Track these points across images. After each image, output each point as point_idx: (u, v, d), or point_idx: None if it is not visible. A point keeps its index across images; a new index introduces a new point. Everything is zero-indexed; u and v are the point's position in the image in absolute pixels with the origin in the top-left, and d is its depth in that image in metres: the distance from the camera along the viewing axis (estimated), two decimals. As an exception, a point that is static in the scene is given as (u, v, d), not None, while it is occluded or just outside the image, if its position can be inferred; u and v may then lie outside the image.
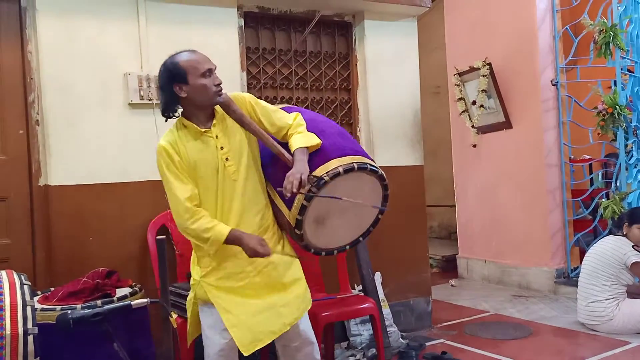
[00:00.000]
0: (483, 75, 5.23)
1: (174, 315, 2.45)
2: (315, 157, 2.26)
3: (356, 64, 4.02)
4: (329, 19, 3.92)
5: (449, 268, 6.33)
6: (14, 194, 3.04)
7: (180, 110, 2.28)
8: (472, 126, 5.50)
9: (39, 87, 3.05)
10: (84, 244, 3.06)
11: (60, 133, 3.05)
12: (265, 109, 2.32)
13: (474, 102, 5.38)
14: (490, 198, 5.66)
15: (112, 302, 2.39)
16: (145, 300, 2.06)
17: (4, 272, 2.03)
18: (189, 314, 2.39)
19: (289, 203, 2.26)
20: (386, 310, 3.68)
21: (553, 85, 5.10)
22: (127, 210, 3.18)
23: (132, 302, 2.00)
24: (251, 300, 2.23)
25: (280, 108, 2.47)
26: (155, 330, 2.72)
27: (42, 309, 2.36)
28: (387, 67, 4.02)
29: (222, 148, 2.22)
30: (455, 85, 5.57)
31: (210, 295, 2.24)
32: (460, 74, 5.50)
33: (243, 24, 3.60)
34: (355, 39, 4.02)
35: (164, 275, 2.37)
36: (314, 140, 2.27)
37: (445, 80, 6.19)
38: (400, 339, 3.70)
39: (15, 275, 2.02)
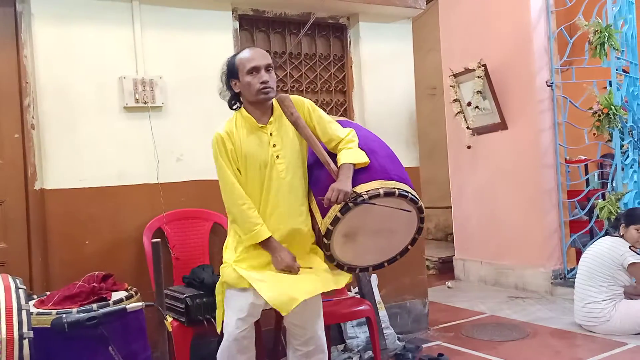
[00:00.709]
0: (478, 77, 5.25)
1: (169, 319, 2.45)
2: (360, 174, 2.32)
3: (351, 66, 4.03)
4: (324, 21, 3.93)
5: (445, 270, 6.33)
6: (10, 198, 3.04)
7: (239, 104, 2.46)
8: (468, 127, 5.52)
9: (35, 91, 3.05)
10: (80, 247, 3.06)
11: (56, 137, 3.05)
12: (321, 118, 2.41)
13: (469, 104, 5.40)
14: (487, 199, 5.67)
15: (107, 305, 2.39)
16: (140, 303, 2.06)
17: (-2, 277, 2.03)
18: (218, 299, 2.47)
19: (323, 211, 2.32)
20: (382, 313, 3.69)
21: (548, 86, 5.11)
22: (123, 214, 3.18)
23: (127, 306, 2.01)
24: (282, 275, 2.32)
25: (338, 120, 2.55)
26: (151, 334, 2.72)
27: (38, 313, 2.35)
28: (383, 68, 4.03)
29: (274, 145, 2.33)
30: (451, 86, 5.58)
31: (243, 273, 2.30)
32: (455, 75, 5.51)
33: (238, 27, 3.61)
34: (350, 41, 4.03)
35: (159, 278, 2.37)
36: (362, 158, 2.33)
37: (440, 81, 6.21)
38: (397, 341, 3.70)
39: (10, 279, 2.02)
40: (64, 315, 1.93)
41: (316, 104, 3.87)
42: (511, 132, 5.36)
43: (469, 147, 5.52)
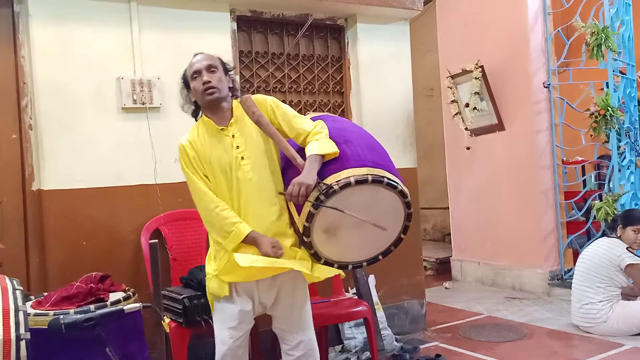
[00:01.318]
0: (476, 78, 5.26)
1: (167, 320, 2.45)
2: (331, 165, 2.22)
3: (349, 67, 4.03)
4: (322, 22, 3.93)
5: (442, 270, 6.34)
6: (7, 198, 3.03)
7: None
8: (466, 128, 5.52)
9: (32, 92, 3.04)
10: (78, 248, 3.06)
11: (54, 137, 3.05)
12: (286, 113, 2.35)
13: (466, 105, 5.40)
14: (484, 200, 5.67)
15: (105, 306, 2.39)
16: (137, 304, 2.06)
17: (-5, 277, 2.02)
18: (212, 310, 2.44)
19: (299, 208, 2.25)
20: (380, 313, 3.69)
21: (545, 87, 5.13)
22: (120, 215, 3.18)
23: (125, 307, 2.00)
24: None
25: (316, 117, 2.47)
26: (148, 335, 2.72)
27: (35, 314, 2.35)
28: (380, 69, 4.03)
29: (237, 147, 2.29)
30: (448, 87, 5.59)
31: (225, 278, 2.28)
32: (452, 77, 5.52)
33: (236, 28, 3.61)
34: (347, 42, 4.04)
35: (156, 279, 2.37)
36: (330, 148, 2.23)
37: (438, 82, 6.22)
38: (394, 341, 3.71)
39: (7, 280, 2.01)
40: (61, 316, 1.93)
41: (314, 105, 3.95)
42: (508, 133, 5.37)
43: (468, 148, 5.53)
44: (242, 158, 2.27)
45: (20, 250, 3.05)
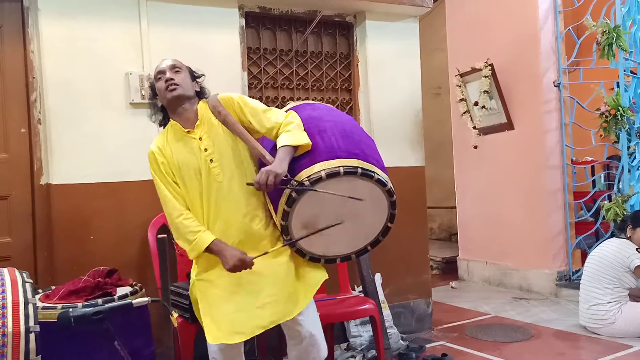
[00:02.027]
0: (485, 76, 5.23)
1: (175, 315, 2.45)
2: (303, 159, 2.17)
3: (357, 65, 4.02)
4: (330, 19, 3.92)
5: (449, 270, 6.32)
6: (16, 192, 3.05)
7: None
8: (474, 127, 5.50)
9: (41, 86, 3.05)
10: (85, 242, 3.07)
11: (62, 132, 3.06)
12: (255, 109, 2.29)
13: (475, 103, 5.38)
14: (491, 200, 5.65)
15: (112, 300, 2.39)
16: (146, 299, 2.06)
17: (5, 270, 2.03)
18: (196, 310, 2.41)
19: (275, 207, 2.20)
20: (386, 312, 3.68)
21: (555, 86, 5.09)
22: (127, 210, 3.18)
23: (133, 301, 2.00)
24: (230, 296, 2.20)
25: (294, 106, 2.43)
26: (155, 330, 2.72)
27: (44, 307, 2.36)
28: (389, 67, 4.02)
29: (205, 149, 2.24)
30: (457, 86, 5.56)
31: (198, 293, 2.27)
32: (461, 75, 5.49)
33: (244, 24, 3.61)
34: (356, 40, 4.02)
35: (164, 274, 2.37)
36: (300, 139, 2.17)
37: (446, 81, 6.19)
38: (400, 340, 3.70)
39: (17, 273, 2.02)
40: (70, 310, 1.93)
41: (322, 102, 3.93)
42: (517, 133, 5.34)
43: (475, 147, 5.50)
44: (211, 160, 2.23)
45: (29, 243, 3.06)
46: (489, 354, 3.61)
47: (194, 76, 2.36)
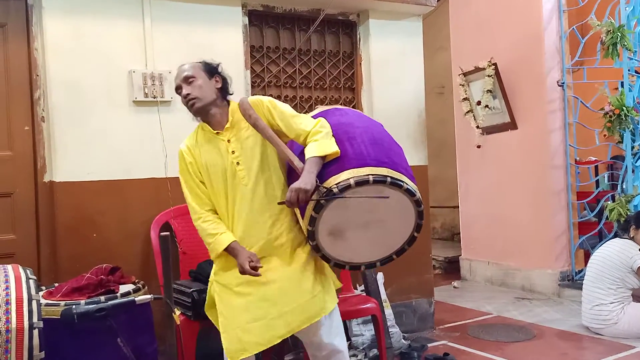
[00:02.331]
0: (488, 76, 5.22)
1: (177, 312, 2.45)
2: (332, 166, 2.16)
3: (360, 63, 4.01)
4: (334, 17, 3.92)
5: (451, 269, 6.32)
6: (20, 189, 3.06)
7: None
8: (477, 127, 5.49)
9: (45, 84, 3.06)
10: (88, 240, 3.08)
11: (65, 130, 3.06)
12: (283, 114, 2.28)
13: (479, 103, 5.37)
14: (494, 199, 5.64)
15: (115, 298, 2.40)
16: (148, 296, 2.06)
17: (10, 267, 2.04)
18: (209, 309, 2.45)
19: (302, 212, 2.20)
20: (388, 311, 3.68)
21: (559, 86, 5.08)
22: (130, 207, 3.19)
23: (136, 298, 2.01)
24: (247, 304, 2.20)
25: (322, 111, 2.42)
26: (158, 327, 2.73)
27: (47, 304, 2.36)
28: (392, 66, 4.01)
29: (233, 152, 2.25)
30: (460, 85, 5.56)
31: (215, 294, 2.29)
32: (465, 74, 5.49)
33: (247, 23, 3.61)
34: (359, 38, 4.02)
35: (167, 272, 2.38)
36: (329, 148, 2.15)
37: (450, 80, 6.18)
38: (402, 339, 3.69)
39: (21, 270, 2.03)
40: (74, 307, 1.94)
41: (325, 101, 3.93)
42: (521, 132, 5.33)
43: (478, 147, 5.50)
44: (238, 163, 2.24)
45: (32, 241, 3.07)
46: (491, 354, 3.61)
47: (211, 72, 2.34)
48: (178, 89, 2.32)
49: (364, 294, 3.47)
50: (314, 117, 2.33)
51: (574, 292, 4.78)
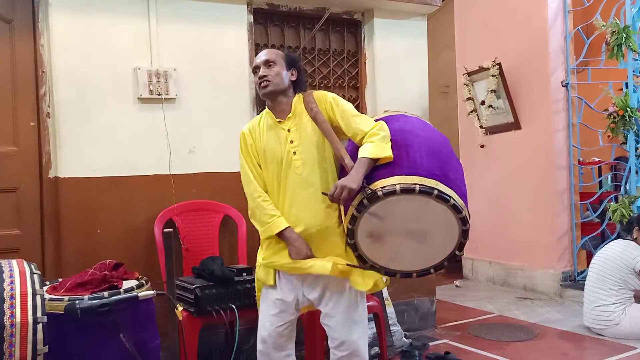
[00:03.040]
0: (492, 75, 5.22)
1: (180, 308, 2.46)
2: (382, 169, 2.17)
3: (365, 62, 4.02)
4: (339, 16, 3.92)
5: (454, 268, 6.29)
6: (25, 185, 3.08)
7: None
8: (481, 126, 5.49)
9: (51, 80, 3.08)
10: (92, 235, 3.10)
11: (71, 126, 3.08)
12: (344, 111, 2.33)
13: (482, 102, 5.37)
14: (497, 199, 5.64)
15: (118, 293, 2.41)
16: (151, 292, 2.08)
17: (14, 261, 2.05)
18: (257, 296, 2.54)
19: (346, 209, 2.22)
20: (390, 309, 3.69)
21: (563, 86, 5.07)
22: (134, 204, 3.21)
23: (139, 294, 2.02)
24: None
25: (389, 115, 2.43)
26: (160, 323, 2.74)
27: (50, 299, 2.38)
28: (396, 65, 4.02)
29: (291, 141, 2.33)
30: (464, 85, 5.55)
31: (270, 266, 2.39)
32: (469, 74, 5.48)
33: (252, 21, 3.62)
34: (364, 37, 4.02)
35: (170, 268, 2.38)
36: (382, 152, 2.17)
37: (454, 79, 6.17)
38: (404, 338, 3.70)
39: (25, 264, 2.05)
40: (77, 302, 1.96)
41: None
42: (524, 132, 5.32)
43: (482, 147, 5.49)
44: (295, 153, 2.31)
45: (36, 236, 3.09)
46: (492, 353, 3.62)
47: (290, 64, 2.41)
48: (256, 69, 2.39)
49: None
50: (378, 119, 2.35)
51: (576, 292, 4.78)
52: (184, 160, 3.31)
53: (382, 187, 2.10)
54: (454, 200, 2.13)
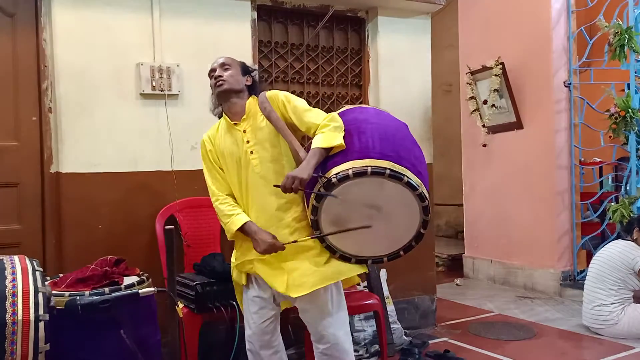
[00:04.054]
0: (495, 75, 5.21)
1: (180, 305, 2.47)
2: (336, 157, 2.21)
3: (368, 60, 4.01)
4: (343, 14, 3.91)
5: (454, 267, 6.32)
6: (26, 180, 3.08)
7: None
8: (483, 125, 5.48)
9: (53, 75, 3.08)
10: (93, 231, 3.10)
11: (72, 121, 3.08)
12: (297, 108, 2.38)
13: (485, 102, 5.36)
14: (499, 198, 5.64)
15: (119, 290, 2.41)
16: (152, 289, 2.08)
17: (16, 258, 2.05)
18: (238, 299, 2.61)
19: (307, 202, 2.26)
20: (390, 307, 3.69)
21: (566, 86, 5.06)
22: (136, 200, 3.21)
23: (140, 290, 2.03)
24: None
25: (347, 109, 2.49)
26: (161, 319, 2.75)
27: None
28: (399, 63, 4.01)
29: (248, 142, 2.38)
30: (467, 83, 5.54)
31: (241, 268, 2.45)
32: (472, 73, 5.47)
33: (256, 17, 3.61)
34: (368, 35, 4.01)
35: (171, 265, 2.39)
36: (333, 141, 2.21)
37: (457, 78, 6.17)
38: (404, 336, 3.71)
39: (27, 261, 2.04)
40: (78, 298, 1.96)
41: (332, 98, 3.94)
42: (526, 132, 5.32)
43: (484, 146, 5.49)
44: (252, 152, 2.36)
45: (38, 231, 3.09)
46: (491, 352, 3.62)
47: (246, 71, 2.50)
48: (212, 72, 2.45)
49: (367, 290, 3.48)
50: (338, 113, 2.41)
51: (576, 292, 4.79)
52: (186, 157, 3.31)
53: (335, 174, 2.14)
54: (409, 177, 2.15)
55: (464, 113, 6.00)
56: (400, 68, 4.01)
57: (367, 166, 2.12)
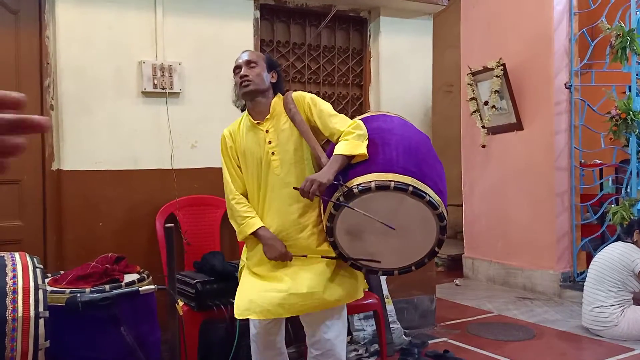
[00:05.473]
0: (496, 76, 5.21)
1: (180, 303, 2.48)
2: (359, 167, 2.18)
3: (369, 60, 4.01)
4: (345, 14, 3.92)
5: (454, 267, 6.32)
6: (27, 177, 3.08)
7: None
8: (483, 126, 5.48)
9: (55, 72, 3.08)
10: (94, 229, 3.10)
11: (74, 118, 3.08)
12: (322, 112, 2.34)
13: (486, 103, 5.36)
14: (498, 199, 5.64)
15: (120, 287, 2.42)
16: (152, 286, 2.09)
17: (17, 255, 2.05)
18: None
19: (324, 208, 2.24)
20: (390, 307, 3.70)
21: (567, 88, 5.06)
22: (136, 198, 3.21)
23: (140, 288, 2.03)
24: (267, 282, 2.32)
25: (371, 115, 2.45)
26: (161, 317, 2.75)
27: (52, 291, 2.39)
28: (401, 64, 4.01)
29: (270, 142, 2.34)
30: (468, 84, 5.54)
31: (243, 274, 2.44)
32: (473, 74, 5.47)
33: (259, 16, 3.61)
34: (370, 35, 4.02)
35: (171, 262, 2.40)
36: (356, 149, 2.18)
37: (458, 79, 6.17)
38: (403, 335, 3.72)
39: (28, 258, 2.05)
40: (78, 295, 1.97)
41: (333, 97, 3.94)
42: (527, 133, 5.32)
43: (483, 146, 5.49)
44: (273, 153, 2.33)
45: (39, 228, 3.10)
46: (490, 352, 3.63)
47: (271, 66, 2.43)
48: (237, 69, 2.39)
49: (366, 290, 3.48)
50: (361, 119, 2.37)
51: (575, 293, 4.79)
52: (187, 155, 3.32)
53: (357, 184, 2.11)
54: (430, 196, 2.13)
55: (464, 114, 6.00)
56: (401, 68, 4.02)
57: (390, 181, 2.10)
